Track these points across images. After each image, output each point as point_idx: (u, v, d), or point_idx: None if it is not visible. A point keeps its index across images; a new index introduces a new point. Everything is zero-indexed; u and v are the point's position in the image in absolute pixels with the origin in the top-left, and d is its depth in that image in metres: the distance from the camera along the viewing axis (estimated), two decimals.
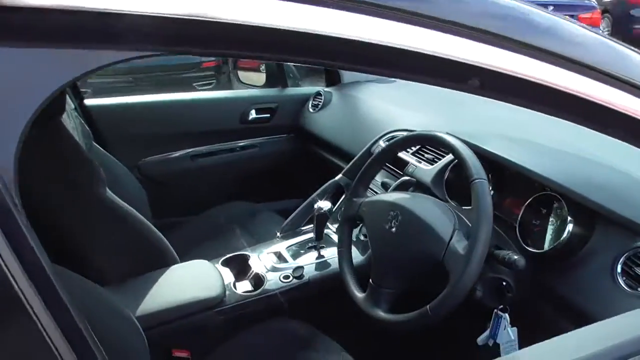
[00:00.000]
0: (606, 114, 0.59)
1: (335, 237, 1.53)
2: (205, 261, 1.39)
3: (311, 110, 2.17)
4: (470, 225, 1.00)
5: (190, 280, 1.29)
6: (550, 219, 1.06)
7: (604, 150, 1.09)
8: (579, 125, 0.64)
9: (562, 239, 0.99)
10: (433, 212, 1.00)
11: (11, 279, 0.45)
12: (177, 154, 2.10)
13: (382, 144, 1.65)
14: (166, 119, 2.08)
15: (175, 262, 1.38)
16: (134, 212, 1.28)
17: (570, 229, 1.00)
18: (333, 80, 2.23)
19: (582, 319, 0.94)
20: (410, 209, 1.02)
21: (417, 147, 1.47)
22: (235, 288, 1.31)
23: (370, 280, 1.07)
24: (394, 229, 1.04)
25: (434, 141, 1.03)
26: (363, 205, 1.17)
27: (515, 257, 0.92)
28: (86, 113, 1.95)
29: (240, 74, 2.71)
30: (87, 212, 1.19)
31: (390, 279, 1.03)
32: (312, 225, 1.60)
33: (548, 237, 1.04)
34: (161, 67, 4.62)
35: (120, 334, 0.91)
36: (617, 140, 0.67)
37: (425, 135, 1.06)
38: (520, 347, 1.00)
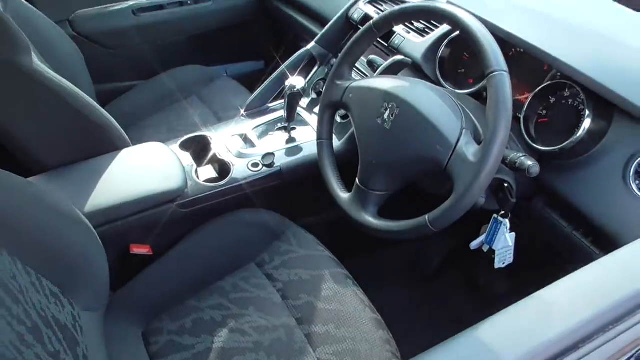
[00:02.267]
0: None
1: (306, 116, 1.37)
2: (161, 144, 1.21)
3: None
4: (477, 123, 0.87)
5: (146, 169, 1.12)
6: (560, 111, 0.94)
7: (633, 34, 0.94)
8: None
9: (577, 135, 0.88)
10: (438, 106, 0.84)
11: None
12: (117, 7, 1.77)
13: (362, 7, 1.42)
14: None
15: (125, 145, 1.19)
16: (69, 84, 1.05)
17: (587, 125, 0.88)
18: None
19: (587, 224, 0.88)
20: (410, 102, 0.86)
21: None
22: (197, 177, 1.16)
23: (357, 180, 0.94)
24: (388, 125, 0.89)
25: (441, 16, 0.83)
26: (349, 91, 1.00)
27: (530, 162, 0.80)
28: None
29: None
30: (12, 91, 0.96)
31: (381, 180, 0.91)
32: (280, 102, 1.42)
33: (555, 133, 0.93)
34: None
35: (64, 234, 0.77)
36: None
37: (430, 8, 0.85)
38: (515, 253, 0.94)
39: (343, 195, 0.98)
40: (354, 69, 1.29)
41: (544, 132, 0.96)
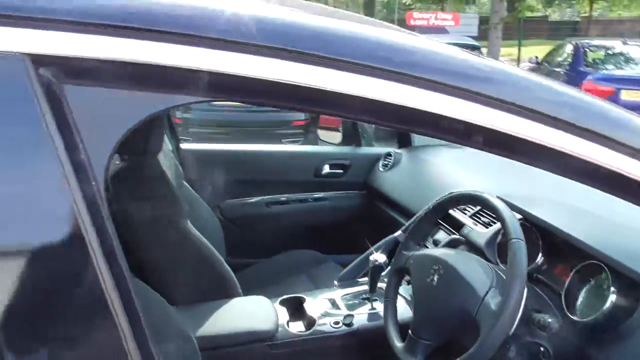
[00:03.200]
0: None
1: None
2: (264, 297, 1.51)
3: (381, 169, 2.28)
4: None
5: (248, 313, 1.41)
6: (595, 288, 1.07)
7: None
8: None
9: (604, 308, 1.00)
10: (472, 268, 1.06)
11: (102, 282, 0.53)
12: (255, 199, 2.29)
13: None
14: (249, 167, 2.29)
15: (238, 296, 1.51)
16: (209, 245, 1.44)
17: (614, 300, 1.00)
18: (404, 142, 2.35)
19: None
20: (451, 264, 1.08)
21: (475, 210, 1.52)
22: (288, 327, 1.41)
23: (410, 330, 1.13)
24: (435, 282, 1.10)
25: (479, 201, 1.09)
26: (411, 259, 1.25)
27: (550, 320, 0.94)
28: (181, 155, 2.20)
29: (320, 132, 2.91)
30: (167, 238, 1.37)
31: (429, 331, 1.08)
32: (367, 278, 1.68)
33: (590, 306, 1.05)
34: (254, 122, 5.01)
35: (180, 350, 1.04)
36: None
37: (472, 195, 1.13)
38: None
39: (398, 344, 1.16)
40: (424, 245, 1.54)
41: (585, 309, 1.08)
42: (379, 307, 1.50)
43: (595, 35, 16.79)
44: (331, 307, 1.52)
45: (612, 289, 1.02)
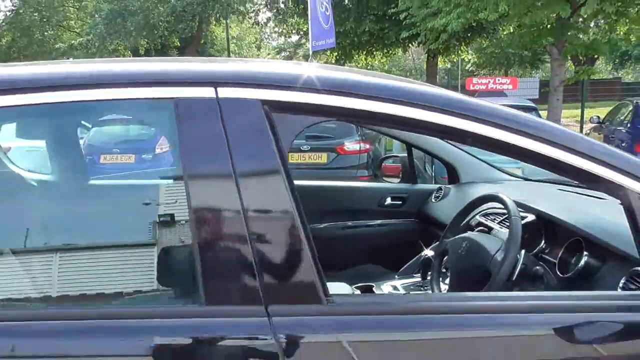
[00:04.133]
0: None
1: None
2: (345, 283, 2.04)
3: (433, 200, 2.80)
4: None
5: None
6: (576, 255, 1.55)
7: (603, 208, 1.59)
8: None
9: (579, 266, 1.47)
10: (487, 239, 1.57)
11: (303, 243, 1.13)
12: (332, 224, 2.86)
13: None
14: (328, 198, 2.89)
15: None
16: None
17: (586, 260, 1.48)
18: (453, 179, 2.87)
19: None
20: (474, 238, 1.61)
21: (501, 219, 2.02)
22: None
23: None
24: (463, 253, 1.61)
25: (492, 198, 1.61)
26: (448, 243, 1.77)
27: (537, 267, 1.43)
28: None
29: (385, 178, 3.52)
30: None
31: (460, 285, 1.59)
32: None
33: (572, 267, 1.53)
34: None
35: None
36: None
37: (487, 195, 1.65)
38: None
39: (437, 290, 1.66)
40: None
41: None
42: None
43: None
44: (393, 290, 2.03)
45: (585, 253, 1.49)
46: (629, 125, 8.24)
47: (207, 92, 1.15)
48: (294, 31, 21.99)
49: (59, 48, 22.92)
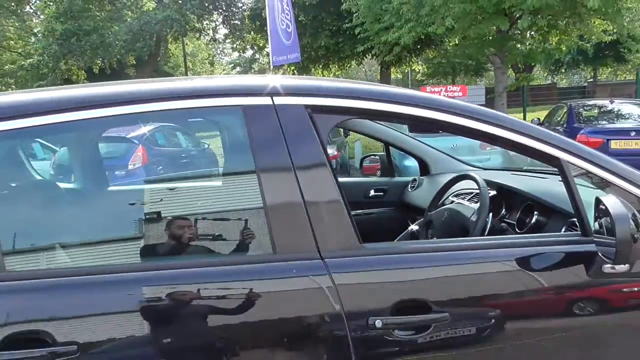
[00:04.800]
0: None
1: None
2: None
3: (410, 190, 3.32)
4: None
5: None
6: (529, 215, 2.09)
7: (546, 182, 2.14)
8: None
9: (531, 222, 2.00)
10: (464, 208, 2.08)
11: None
12: None
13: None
14: None
15: None
16: None
17: (535, 217, 2.01)
18: (425, 171, 3.40)
19: None
20: (454, 208, 2.12)
21: (471, 196, 2.55)
22: None
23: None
24: (446, 219, 2.12)
25: (466, 177, 2.14)
26: (432, 215, 2.27)
27: (502, 224, 1.95)
28: None
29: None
30: None
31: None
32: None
33: (525, 224, 2.07)
34: None
35: None
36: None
37: (461, 174, 2.18)
38: None
39: None
40: None
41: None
42: None
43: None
44: None
45: (535, 212, 2.03)
46: (564, 125, 9.14)
47: (266, 100, 1.61)
48: (248, 47, 22.47)
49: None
